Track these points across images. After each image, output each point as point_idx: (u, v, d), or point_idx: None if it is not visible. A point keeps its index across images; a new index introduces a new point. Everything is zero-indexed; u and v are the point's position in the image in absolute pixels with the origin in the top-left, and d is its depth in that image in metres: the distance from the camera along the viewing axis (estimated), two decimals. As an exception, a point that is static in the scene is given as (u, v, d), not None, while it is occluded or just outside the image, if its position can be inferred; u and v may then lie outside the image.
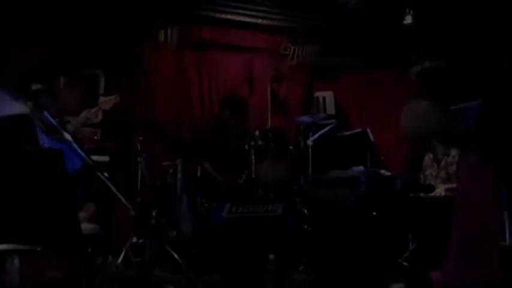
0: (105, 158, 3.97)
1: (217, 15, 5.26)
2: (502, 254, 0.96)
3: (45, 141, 1.59)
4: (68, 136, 1.56)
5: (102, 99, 3.77)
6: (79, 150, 1.54)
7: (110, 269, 3.06)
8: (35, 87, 1.56)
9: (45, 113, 1.50)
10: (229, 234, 3.24)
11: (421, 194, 3.65)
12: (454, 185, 3.56)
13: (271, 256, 3.39)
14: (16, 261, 1.32)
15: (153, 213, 3.80)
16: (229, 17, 5.30)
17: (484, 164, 1.04)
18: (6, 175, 1.32)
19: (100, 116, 3.90)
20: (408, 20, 5.21)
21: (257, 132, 3.74)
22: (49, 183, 1.28)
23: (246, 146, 3.67)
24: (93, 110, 3.72)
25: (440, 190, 3.66)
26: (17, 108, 1.71)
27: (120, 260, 3.30)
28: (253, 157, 3.52)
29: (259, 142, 3.64)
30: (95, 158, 3.75)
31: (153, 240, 3.26)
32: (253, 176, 3.48)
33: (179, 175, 3.71)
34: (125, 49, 5.03)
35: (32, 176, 1.33)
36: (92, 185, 2.69)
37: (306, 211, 3.73)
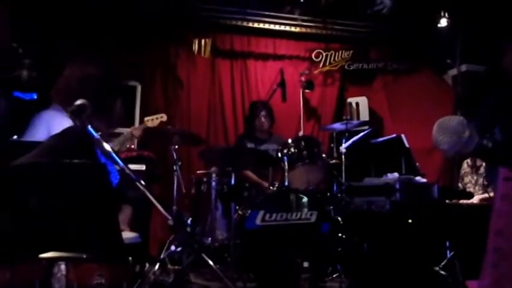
0: (142, 167, 4.08)
1: (250, 24, 5.34)
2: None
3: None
4: (108, 147, 1.63)
5: (148, 118, 3.92)
6: (118, 160, 1.60)
7: (148, 276, 3.14)
8: (79, 102, 1.63)
9: (89, 127, 1.57)
10: (263, 241, 3.26)
11: (459, 201, 3.56)
12: (491, 195, 3.46)
13: (306, 264, 3.39)
14: (63, 267, 1.40)
15: (189, 221, 3.88)
16: (261, 25, 5.37)
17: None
18: (52, 185, 1.40)
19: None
20: (443, 23, 5.11)
21: (290, 140, 3.75)
22: (93, 195, 1.35)
23: (279, 154, 3.68)
24: (139, 127, 3.86)
25: (476, 198, 3.56)
26: (67, 124, 1.81)
27: (157, 267, 3.38)
28: (286, 164, 3.53)
29: (292, 149, 3.64)
30: (132, 166, 3.88)
31: (189, 248, 3.33)
32: (286, 183, 3.49)
33: (213, 183, 3.77)
34: (159, 60, 5.18)
35: (77, 187, 1.40)
36: (127, 189, 2.77)
37: (340, 219, 3.71)
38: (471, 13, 4.88)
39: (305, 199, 3.38)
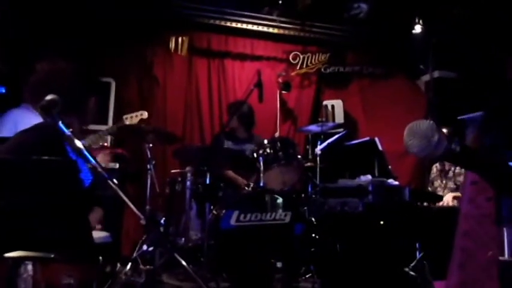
0: (115, 165, 4.02)
1: (228, 24, 5.33)
2: (501, 268, 0.98)
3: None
4: (79, 144, 1.59)
5: (127, 115, 3.83)
6: (90, 158, 1.57)
7: (119, 277, 3.10)
8: (49, 97, 1.59)
9: (59, 123, 1.53)
10: (237, 241, 3.26)
11: (429, 203, 3.65)
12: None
13: (279, 264, 3.40)
14: (29, 267, 1.36)
15: (162, 221, 3.84)
16: (239, 25, 5.37)
17: (484, 180, 1.06)
18: (19, 182, 1.36)
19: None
20: (417, 29, 5.23)
21: (265, 141, 3.76)
22: (62, 192, 1.32)
23: (254, 154, 3.69)
24: (117, 125, 3.79)
25: (447, 198, 3.66)
26: (35, 121, 1.76)
27: (128, 267, 3.33)
28: (261, 165, 3.54)
29: (268, 150, 3.65)
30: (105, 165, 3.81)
31: (161, 248, 3.30)
32: (261, 184, 3.50)
33: (188, 183, 3.74)
34: (135, 57, 5.11)
35: (45, 184, 1.37)
36: (98, 189, 2.72)
37: (313, 219, 3.74)
38: (445, 20, 5.01)
39: (280, 200, 3.40)
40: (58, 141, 1.65)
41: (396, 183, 3.68)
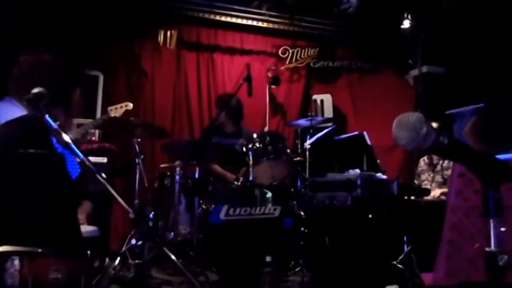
0: (103, 160, 3.99)
1: (217, 17, 5.30)
2: (488, 258, 1.00)
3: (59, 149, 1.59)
4: (66, 138, 1.57)
5: (112, 107, 3.79)
6: (78, 152, 1.55)
7: (108, 271, 3.08)
8: (36, 90, 1.56)
9: (46, 116, 1.51)
10: (226, 236, 3.26)
11: (417, 197, 3.69)
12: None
13: (268, 258, 3.41)
14: (16, 262, 1.34)
15: (151, 215, 3.83)
16: (228, 19, 5.34)
17: (471, 172, 1.08)
18: (7, 176, 1.34)
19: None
20: (406, 24, 5.26)
21: (255, 135, 3.76)
22: (50, 186, 1.30)
23: (244, 148, 3.68)
24: (102, 117, 3.75)
25: (435, 193, 3.70)
26: (19, 115, 1.72)
27: (117, 262, 3.31)
28: (250, 159, 3.54)
29: (257, 144, 3.65)
30: (93, 159, 3.77)
31: (150, 242, 3.28)
32: (251, 178, 3.50)
33: (177, 177, 3.72)
34: (123, 50, 5.05)
35: (33, 177, 1.35)
36: (87, 183, 2.69)
37: (302, 213, 3.76)
38: (433, 16, 5.04)
39: (269, 194, 3.40)
40: (43, 134, 1.62)
41: (384, 177, 3.71)
